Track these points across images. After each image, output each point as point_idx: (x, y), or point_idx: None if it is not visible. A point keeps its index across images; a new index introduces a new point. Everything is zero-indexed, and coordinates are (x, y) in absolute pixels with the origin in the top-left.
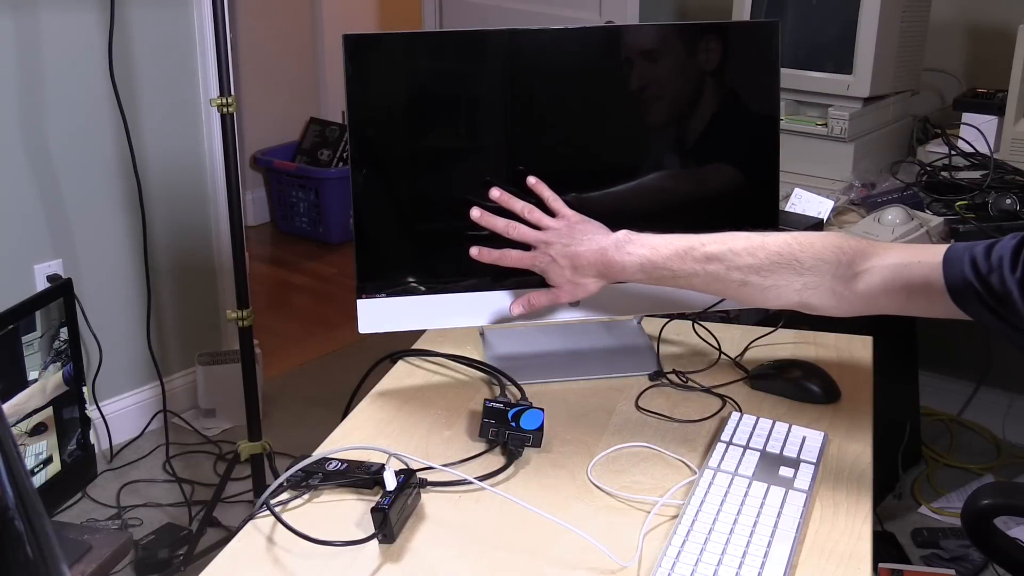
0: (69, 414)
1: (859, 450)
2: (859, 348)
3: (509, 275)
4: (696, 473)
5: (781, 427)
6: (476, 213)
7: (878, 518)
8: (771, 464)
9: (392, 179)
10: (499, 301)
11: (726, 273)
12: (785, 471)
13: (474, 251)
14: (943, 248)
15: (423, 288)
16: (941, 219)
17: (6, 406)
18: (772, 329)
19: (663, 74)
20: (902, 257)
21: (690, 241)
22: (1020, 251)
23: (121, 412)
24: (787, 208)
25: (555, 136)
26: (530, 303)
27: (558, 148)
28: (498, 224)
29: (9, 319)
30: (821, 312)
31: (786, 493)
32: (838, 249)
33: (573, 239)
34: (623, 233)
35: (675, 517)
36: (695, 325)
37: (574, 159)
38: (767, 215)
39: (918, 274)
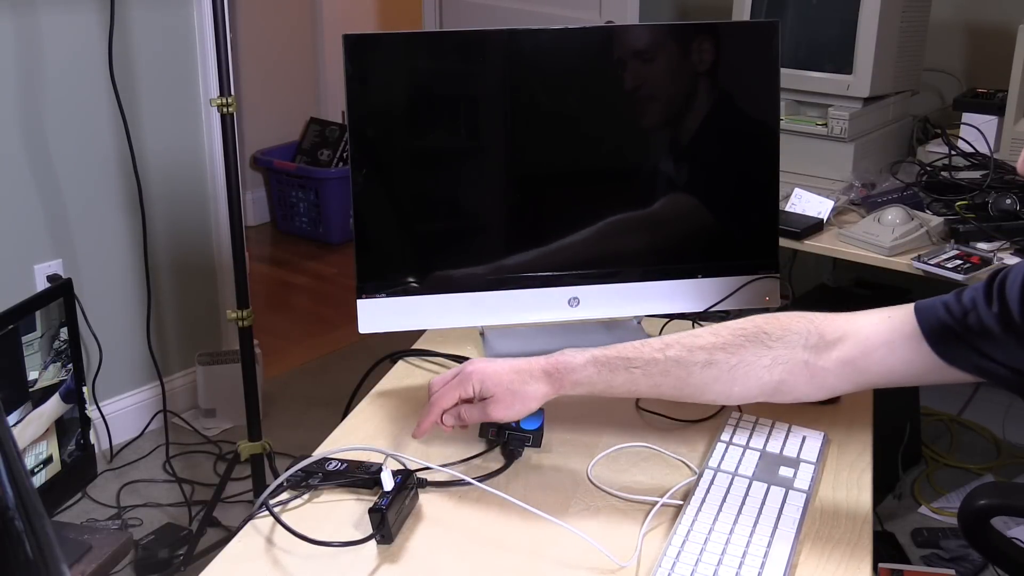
0: (69, 414)
1: (859, 450)
2: None
3: (509, 275)
4: (696, 473)
5: (781, 427)
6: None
7: (878, 518)
8: (771, 464)
9: (392, 179)
10: (499, 301)
11: (688, 355)
12: (785, 471)
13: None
14: (910, 304)
15: (423, 288)
16: (941, 219)
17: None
18: None
19: (663, 74)
20: (872, 317)
21: (647, 340)
22: (992, 288)
23: (121, 412)
24: (787, 208)
25: (555, 136)
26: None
27: (558, 148)
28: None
29: (9, 319)
30: (797, 396)
31: (786, 493)
32: (805, 318)
33: (506, 357)
34: (567, 349)
35: (675, 517)
36: (695, 325)
37: (574, 159)
38: (767, 215)
39: (893, 329)
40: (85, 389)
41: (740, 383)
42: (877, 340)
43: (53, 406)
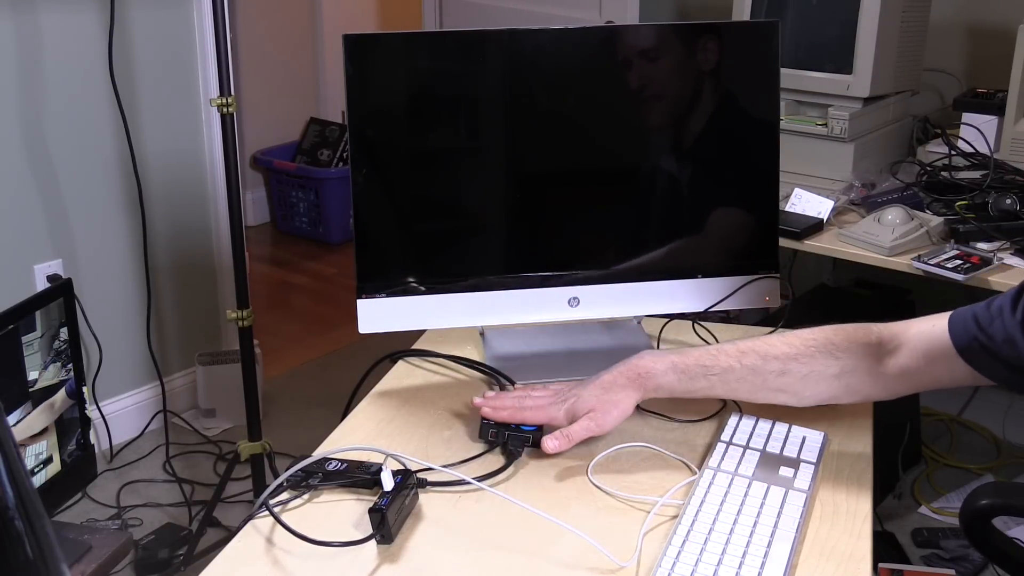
0: (69, 414)
1: (859, 450)
2: None
3: (509, 275)
4: (696, 473)
5: (781, 427)
6: (482, 404)
7: (878, 518)
8: (771, 464)
9: (392, 179)
10: (499, 301)
11: (763, 364)
12: (785, 471)
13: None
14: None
15: (423, 288)
16: (941, 219)
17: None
18: (772, 329)
19: (663, 74)
20: (922, 326)
21: (719, 344)
22: (1020, 296)
23: (121, 412)
24: (787, 208)
25: (555, 136)
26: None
27: (558, 148)
28: (505, 409)
29: (9, 319)
30: (863, 398)
31: (786, 493)
32: (867, 329)
33: (585, 380)
34: (645, 352)
35: (675, 517)
36: (695, 325)
37: (574, 159)
38: (767, 215)
39: (932, 339)
40: (85, 389)
41: (811, 389)
42: (922, 351)
43: (60, 400)
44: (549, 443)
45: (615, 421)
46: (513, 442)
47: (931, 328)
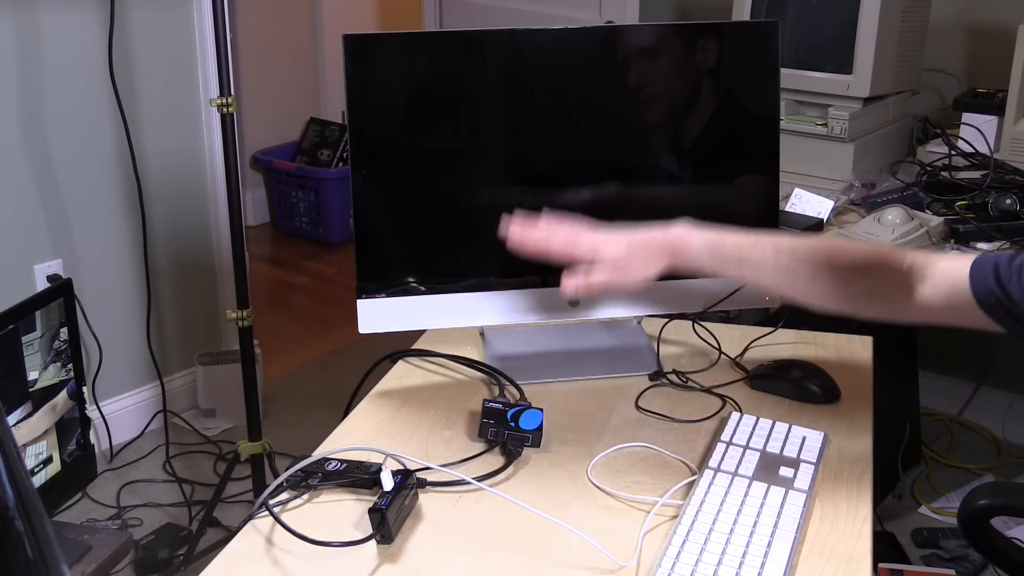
0: (69, 414)
1: (859, 450)
2: (859, 348)
3: (509, 275)
4: (696, 473)
5: (781, 427)
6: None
7: (878, 518)
8: (771, 464)
9: (392, 179)
10: (499, 301)
11: (796, 266)
12: (785, 471)
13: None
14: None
15: (423, 288)
16: (941, 219)
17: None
18: (772, 329)
19: (663, 74)
20: (949, 264)
21: (756, 233)
22: None
23: (121, 412)
24: (787, 208)
25: (555, 136)
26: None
27: (558, 148)
28: (535, 236)
29: (9, 319)
30: (881, 318)
31: (786, 493)
32: (901, 256)
33: (629, 231)
34: (684, 222)
35: (675, 517)
36: (695, 325)
37: (574, 159)
38: (767, 215)
39: (954, 282)
40: (85, 389)
41: (835, 300)
42: (944, 290)
43: (61, 402)
44: (569, 282)
45: (637, 285)
46: (512, 442)
47: (955, 270)
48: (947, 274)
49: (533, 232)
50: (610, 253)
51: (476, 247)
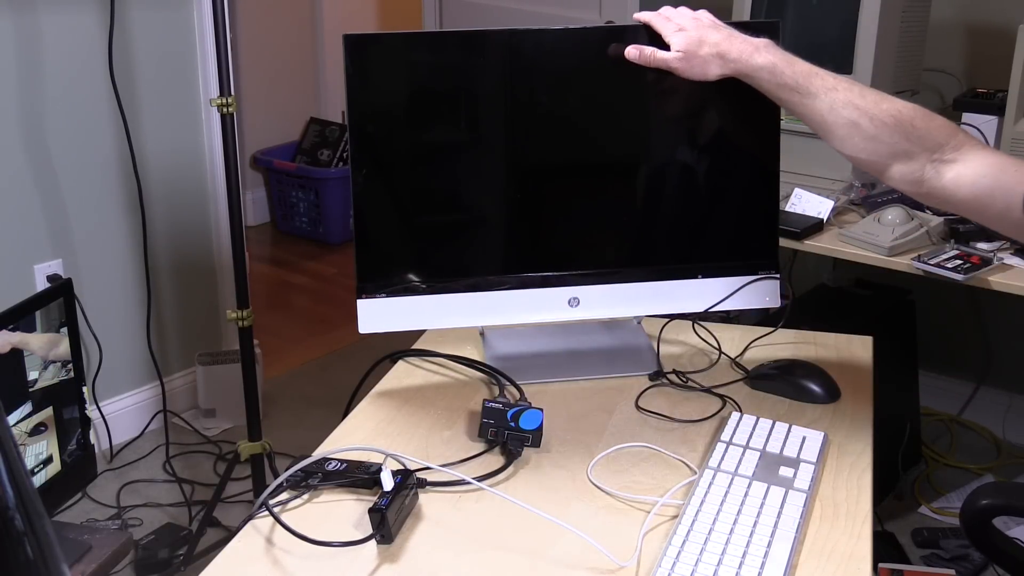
0: (69, 414)
1: (859, 450)
2: (859, 348)
3: (509, 275)
4: (696, 473)
5: (781, 427)
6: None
7: (878, 518)
8: (771, 464)
9: (392, 179)
10: (499, 301)
11: (841, 108)
12: (785, 471)
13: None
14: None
15: (423, 288)
16: (941, 219)
17: (12, 337)
18: (772, 329)
19: (663, 74)
20: (988, 159)
21: (816, 69)
22: None
23: (121, 412)
24: (787, 208)
25: (555, 136)
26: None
27: (558, 149)
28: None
29: (9, 319)
30: (895, 184)
31: (786, 493)
32: (948, 128)
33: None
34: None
35: (675, 517)
36: (695, 325)
37: (574, 160)
38: (767, 215)
39: (1002, 181)
40: (85, 389)
41: (866, 152)
42: (982, 183)
43: (64, 347)
44: (629, 49)
45: (697, 76)
46: (512, 442)
47: (999, 170)
48: (987, 171)
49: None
50: (677, 44)
51: (476, 247)
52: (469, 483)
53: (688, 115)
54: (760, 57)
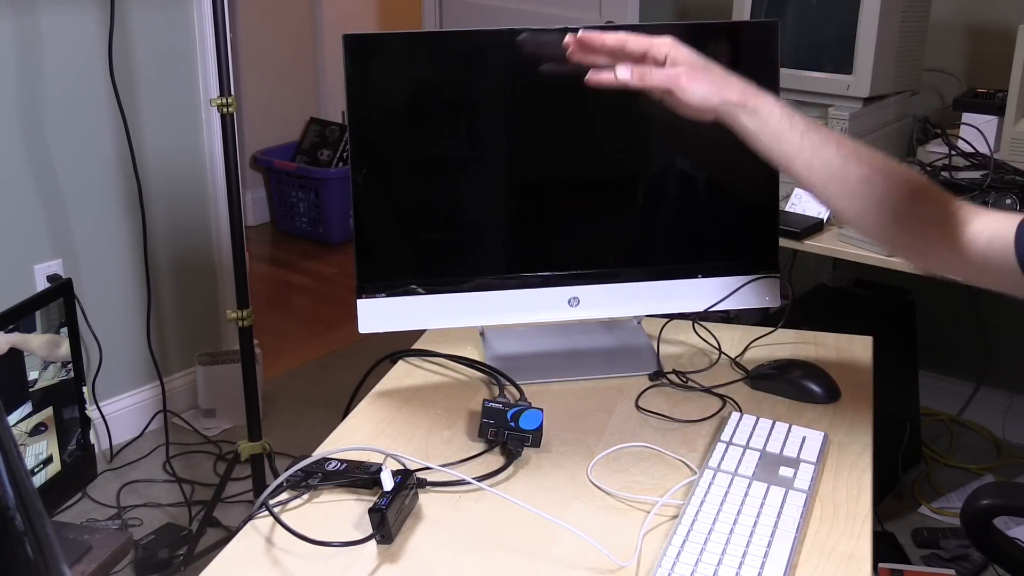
0: (69, 414)
1: (859, 450)
2: (859, 348)
3: (509, 275)
4: (696, 473)
5: (781, 427)
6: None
7: (878, 518)
8: (771, 464)
9: (392, 179)
10: (499, 301)
11: (855, 161)
12: (785, 471)
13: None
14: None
15: (423, 288)
16: None
17: (12, 337)
18: (772, 329)
19: None
20: (990, 223)
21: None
22: None
23: (121, 412)
24: (787, 208)
25: (554, 136)
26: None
27: (557, 147)
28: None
29: (9, 319)
30: (899, 255)
31: (786, 493)
32: (952, 200)
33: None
34: None
35: (675, 517)
36: (695, 325)
37: (573, 159)
38: (767, 215)
39: (997, 239)
40: (85, 389)
41: (872, 216)
42: (983, 246)
43: (65, 348)
44: (621, 71)
45: (699, 97)
46: (512, 442)
47: (997, 228)
48: (991, 229)
49: (590, 36)
50: (684, 55)
51: (476, 247)
52: (469, 483)
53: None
54: (769, 95)
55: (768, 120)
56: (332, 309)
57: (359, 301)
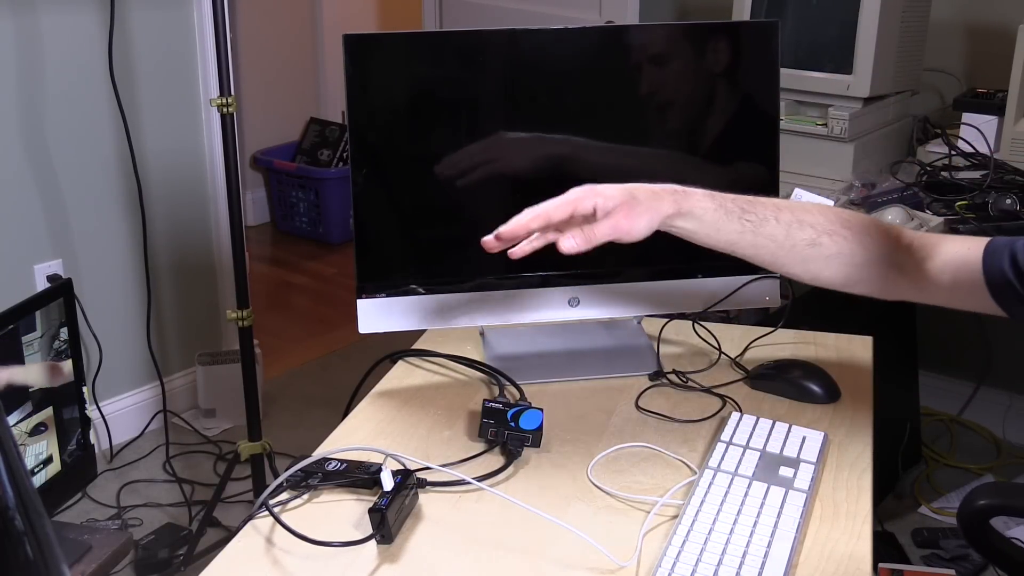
0: (69, 414)
1: (859, 450)
2: (859, 348)
3: (509, 275)
4: (696, 473)
5: (781, 427)
6: (494, 243)
7: (878, 518)
8: (771, 464)
9: (392, 179)
10: (499, 301)
11: (798, 228)
12: (785, 471)
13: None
14: (985, 241)
15: (423, 288)
16: (941, 219)
17: (13, 371)
18: (772, 329)
19: (663, 74)
20: (954, 246)
21: (756, 196)
22: None
23: (121, 412)
24: None
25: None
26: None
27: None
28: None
29: (9, 319)
30: (877, 293)
31: (786, 493)
32: (901, 232)
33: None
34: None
35: (675, 517)
36: (695, 325)
37: (573, 158)
38: None
39: (964, 263)
40: (85, 389)
41: (832, 270)
42: (951, 271)
43: (66, 370)
44: (565, 243)
45: (644, 229)
46: (512, 442)
47: (965, 251)
48: (954, 255)
49: (514, 228)
50: (611, 198)
51: (476, 247)
52: (469, 483)
53: (688, 115)
54: (689, 188)
55: (703, 217)
56: (332, 309)
57: (359, 301)
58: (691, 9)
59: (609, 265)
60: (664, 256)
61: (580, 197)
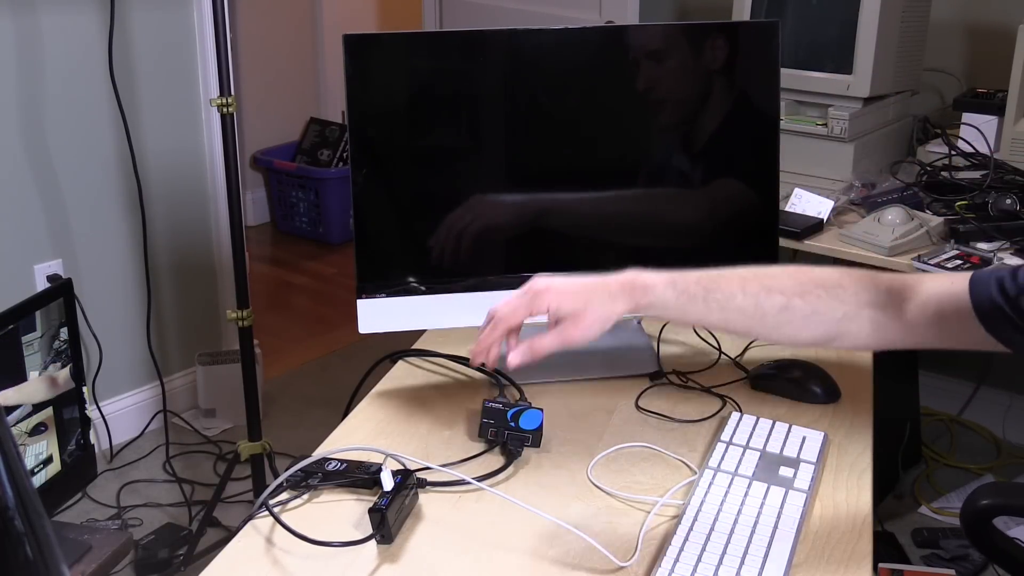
0: (69, 414)
1: (859, 450)
2: None
3: (509, 275)
4: (696, 473)
5: (781, 427)
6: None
7: (878, 518)
8: (771, 464)
9: (392, 179)
10: (499, 301)
11: (766, 296)
12: (785, 471)
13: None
14: (968, 275)
15: (423, 288)
16: (941, 219)
17: (8, 393)
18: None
19: (663, 74)
20: (936, 282)
21: (719, 270)
22: None
23: (121, 412)
24: (787, 208)
25: (555, 136)
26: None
27: (557, 147)
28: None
29: (9, 319)
30: (861, 345)
31: (786, 493)
32: (877, 278)
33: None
34: (633, 269)
35: (675, 517)
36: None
37: (574, 158)
38: (767, 215)
39: (948, 297)
40: (85, 389)
41: (810, 330)
42: (934, 308)
43: (62, 378)
44: (513, 358)
45: (592, 333)
46: (512, 442)
47: (949, 285)
48: (938, 291)
49: (484, 344)
50: (563, 304)
51: (476, 247)
52: (469, 483)
53: (688, 115)
54: (649, 277)
55: (666, 305)
56: (332, 309)
57: (359, 301)
58: (691, 9)
59: (609, 265)
60: (665, 257)
61: (535, 298)
